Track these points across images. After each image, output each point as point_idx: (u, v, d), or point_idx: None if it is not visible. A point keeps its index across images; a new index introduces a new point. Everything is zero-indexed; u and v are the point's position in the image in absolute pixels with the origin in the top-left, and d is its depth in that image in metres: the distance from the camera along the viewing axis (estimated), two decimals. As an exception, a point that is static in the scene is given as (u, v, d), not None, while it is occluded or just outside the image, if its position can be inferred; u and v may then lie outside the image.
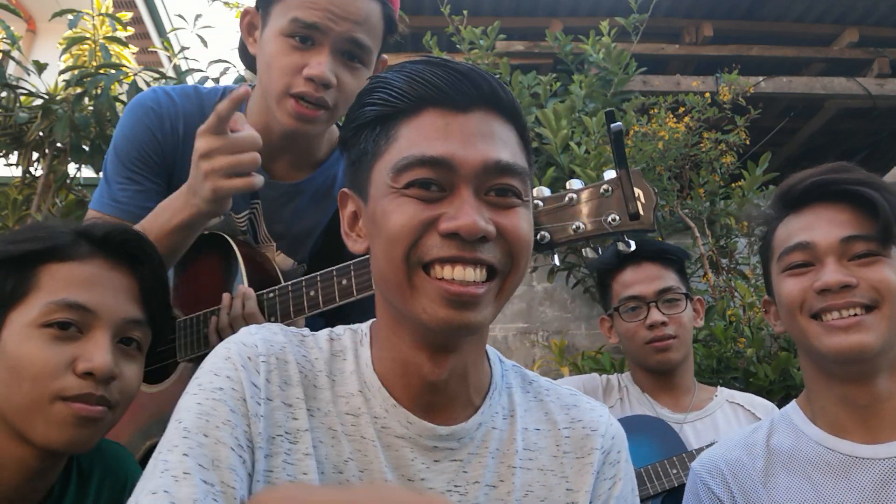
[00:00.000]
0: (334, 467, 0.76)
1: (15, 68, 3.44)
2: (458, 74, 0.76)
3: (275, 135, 1.24)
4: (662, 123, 3.14)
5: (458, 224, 0.71)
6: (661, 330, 1.65)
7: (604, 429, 0.87)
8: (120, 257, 0.95)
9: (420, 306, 0.73)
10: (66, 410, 0.86)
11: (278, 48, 1.16)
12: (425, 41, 4.24)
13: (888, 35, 5.29)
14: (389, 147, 0.76)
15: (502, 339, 3.68)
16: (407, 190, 0.73)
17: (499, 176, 0.75)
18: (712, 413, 1.69)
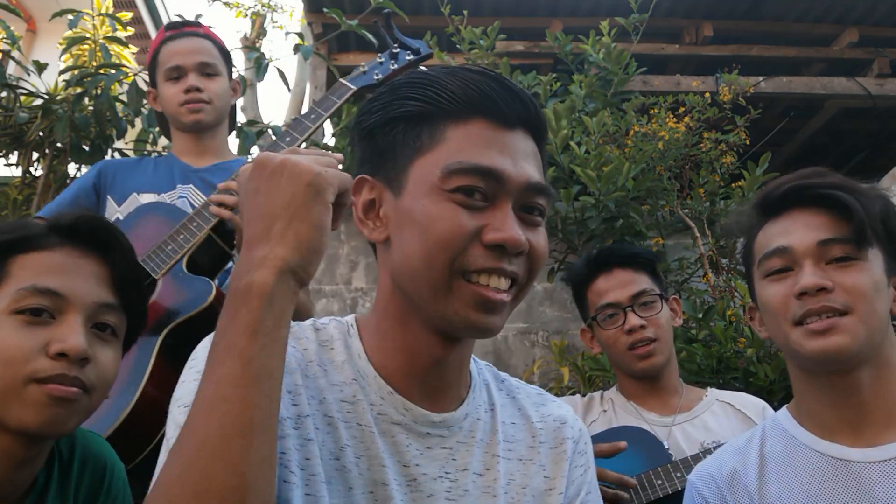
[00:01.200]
0: (331, 454, 0.77)
1: (15, 68, 3.43)
2: (511, 91, 0.80)
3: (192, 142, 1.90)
4: (662, 123, 3.14)
5: (504, 237, 0.75)
6: (640, 333, 1.65)
7: (571, 421, 0.94)
8: (90, 245, 0.97)
9: (453, 308, 0.76)
10: (39, 392, 0.87)
11: (166, 89, 1.86)
12: (425, 41, 4.24)
13: (888, 35, 5.29)
14: (435, 146, 0.78)
15: (502, 339, 3.68)
16: (453, 194, 0.76)
17: (534, 195, 0.79)
18: (701, 413, 1.67)
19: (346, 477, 0.76)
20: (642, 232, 3.15)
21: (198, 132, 1.89)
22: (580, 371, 2.96)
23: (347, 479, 0.76)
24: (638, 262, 1.75)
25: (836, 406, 1.08)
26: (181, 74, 1.84)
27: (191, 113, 1.84)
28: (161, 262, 1.57)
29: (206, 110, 1.85)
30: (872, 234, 1.05)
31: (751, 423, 1.63)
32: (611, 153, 3.12)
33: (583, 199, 3.15)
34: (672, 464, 1.49)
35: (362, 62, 1.81)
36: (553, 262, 3.48)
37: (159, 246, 1.59)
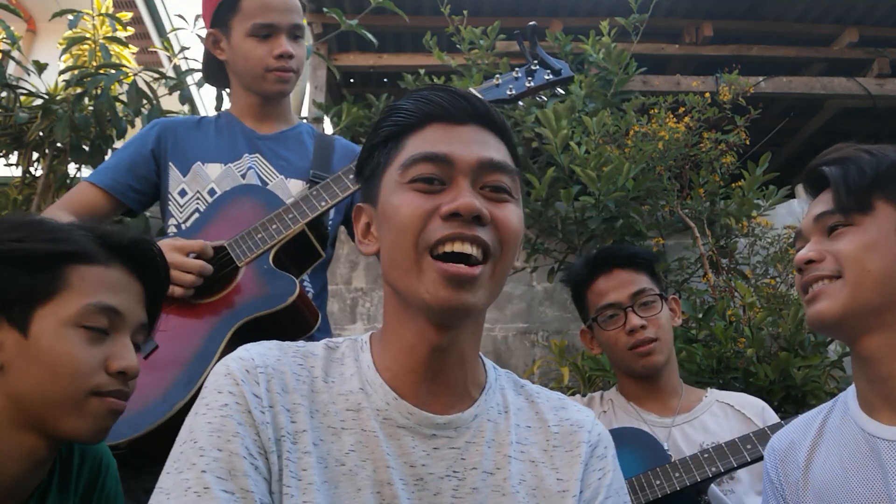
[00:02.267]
0: (336, 461, 0.82)
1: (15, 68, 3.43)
2: (457, 95, 0.90)
3: (258, 106, 1.75)
4: (662, 123, 3.14)
5: (456, 204, 0.81)
6: (641, 333, 1.65)
7: (590, 426, 0.96)
8: (134, 265, 1.02)
9: (424, 288, 0.82)
10: (99, 405, 0.93)
11: (249, 46, 1.66)
12: (425, 41, 4.24)
13: (888, 35, 5.29)
14: (398, 155, 0.89)
15: (502, 339, 3.68)
16: (412, 184, 0.85)
17: (492, 172, 0.87)
18: (700, 415, 1.67)
19: (353, 480, 0.81)
20: (642, 232, 3.15)
21: (270, 99, 1.74)
22: (580, 371, 2.96)
23: (355, 482, 0.81)
24: (637, 263, 1.75)
25: (868, 380, 1.08)
26: (273, 34, 1.65)
27: (278, 82, 1.67)
28: (247, 250, 1.50)
29: (292, 81, 1.71)
30: (866, 197, 1.06)
31: (750, 423, 1.63)
32: (611, 153, 3.12)
33: (583, 199, 3.15)
34: (671, 464, 1.49)
35: (361, 62, 1.81)
36: (553, 262, 3.48)
37: (248, 232, 1.52)
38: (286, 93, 1.73)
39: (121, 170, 1.69)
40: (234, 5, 1.67)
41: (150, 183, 1.72)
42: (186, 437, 0.79)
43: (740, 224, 3.14)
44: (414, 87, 4.21)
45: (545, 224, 3.40)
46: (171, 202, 1.69)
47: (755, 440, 1.47)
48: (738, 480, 1.58)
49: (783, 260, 2.92)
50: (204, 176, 1.68)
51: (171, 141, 1.72)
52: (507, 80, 1.64)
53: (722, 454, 1.47)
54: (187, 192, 1.68)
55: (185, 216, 1.67)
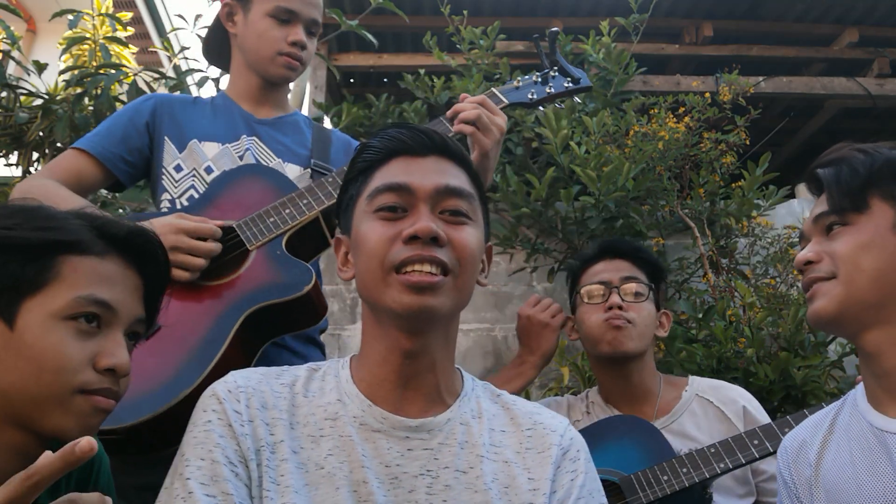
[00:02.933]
0: (316, 465, 0.90)
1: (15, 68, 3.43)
2: (417, 131, 1.00)
3: (257, 89, 1.73)
4: (662, 123, 3.14)
5: (415, 228, 0.91)
6: (618, 312, 1.63)
7: (562, 430, 1.02)
8: (131, 257, 0.97)
9: (390, 298, 0.91)
10: (85, 403, 0.89)
11: (267, 26, 1.64)
12: (425, 41, 4.24)
13: (888, 35, 5.29)
14: (366, 187, 0.99)
15: (502, 339, 3.68)
16: (378, 213, 0.95)
17: (449, 197, 0.96)
18: (679, 417, 1.63)
19: (332, 480, 0.89)
20: (642, 232, 3.15)
21: (273, 84, 1.72)
22: (580, 371, 2.95)
23: (334, 482, 0.89)
24: (640, 258, 1.76)
25: (874, 375, 1.09)
26: (291, 21, 1.65)
27: (285, 68, 1.66)
28: (259, 234, 1.46)
29: (297, 70, 1.70)
30: (860, 196, 1.07)
31: (729, 423, 1.60)
32: (611, 153, 3.11)
33: (583, 199, 3.15)
34: (677, 459, 1.47)
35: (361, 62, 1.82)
36: (553, 262, 3.48)
37: (259, 215, 1.47)
38: (290, 80, 1.73)
39: (113, 139, 1.63)
40: None
41: (143, 156, 1.66)
42: (179, 453, 0.90)
43: (740, 224, 3.14)
44: (414, 87, 4.21)
45: (545, 224, 3.40)
46: (166, 177, 1.64)
47: (762, 436, 1.46)
48: (717, 487, 1.56)
49: (783, 260, 2.92)
50: (201, 154, 1.65)
51: (167, 115, 1.68)
52: (528, 83, 1.64)
53: (730, 450, 1.46)
54: (183, 168, 1.64)
55: (180, 192, 1.63)
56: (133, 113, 1.67)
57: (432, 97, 4.18)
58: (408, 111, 4.21)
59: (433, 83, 4.16)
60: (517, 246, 3.45)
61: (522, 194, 3.24)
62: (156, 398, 1.26)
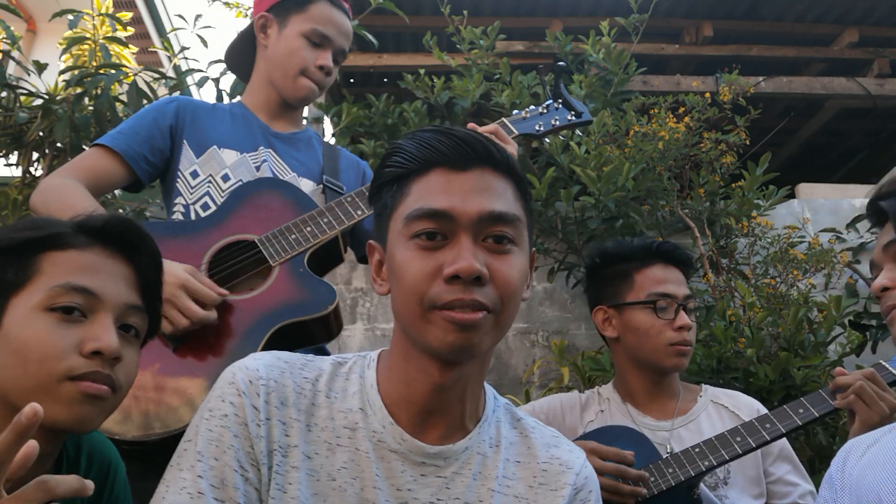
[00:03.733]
0: (328, 475, 0.88)
1: (15, 68, 3.44)
2: (458, 139, 0.90)
3: (275, 104, 1.76)
4: (662, 123, 3.14)
5: (457, 267, 0.84)
6: (686, 335, 1.63)
7: (578, 468, 0.99)
8: (118, 246, 0.98)
9: (432, 335, 0.86)
10: (73, 389, 0.88)
11: (299, 45, 1.69)
12: (425, 41, 4.24)
13: (888, 35, 5.29)
14: (403, 201, 0.91)
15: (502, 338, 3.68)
16: (415, 239, 0.88)
17: (493, 224, 0.88)
18: (696, 417, 1.66)
19: (342, 496, 0.87)
20: (642, 232, 3.15)
21: (291, 102, 1.76)
22: (580, 371, 2.95)
23: (343, 498, 0.87)
24: (688, 268, 1.75)
25: None
26: (323, 45, 1.70)
27: (308, 90, 1.70)
28: (281, 250, 1.48)
29: (317, 94, 1.75)
30: None
31: None
32: (611, 153, 3.12)
33: (583, 199, 3.15)
34: (663, 460, 1.49)
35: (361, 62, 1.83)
36: (553, 262, 3.48)
37: (281, 231, 1.50)
38: (307, 102, 1.77)
39: (138, 138, 1.63)
40: (303, 5, 1.70)
41: (164, 158, 1.67)
42: (191, 437, 0.87)
43: (740, 224, 3.14)
44: (414, 87, 4.21)
45: (545, 224, 3.40)
46: (182, 181, 1.65)
47: (744, 433, 1.47)
48: (732, 486, 1.58)
49: (783, 260, 2.92)
50: (219, 160, 1.66)
51: (189, 119, 1.70)
52: (534, 115, 1.70)
53: (713, 448, 1.47)
54: (199, 174, 1.65)
55: (195, 198, 1.64)
56: (157, 114, 1.69)
57: (432, 97, 4.18)
58: (408, 111, 4.21)
59: (433, 83, 4.16)
60: (517, 246, 3.44)
61: (522, 195, 3.23)
62: (181, 413, 1.30)
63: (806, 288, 2.85)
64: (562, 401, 1.77)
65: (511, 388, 3.48)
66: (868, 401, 1.37)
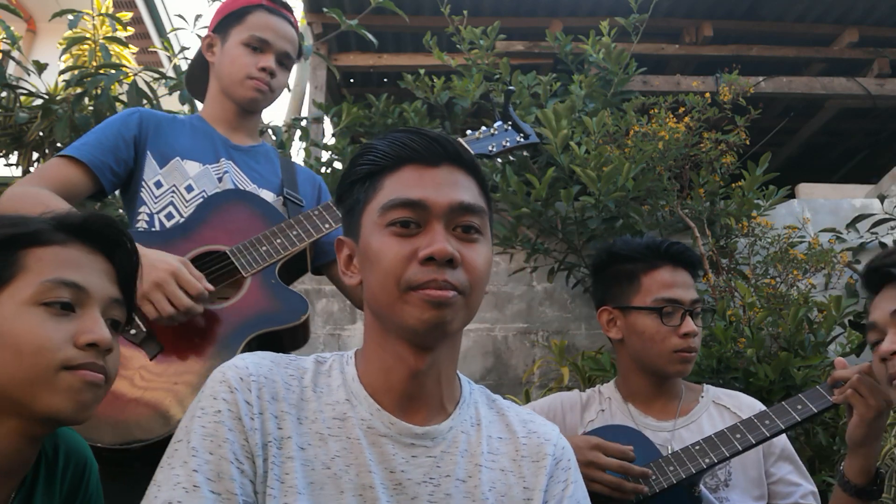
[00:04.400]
0: (323, 464, 0.90)
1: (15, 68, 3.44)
2: (429, 138, 0.98)
3: (232, 114, 1.80)
4: (662, 123, 3.14)
5: (431, 250, 0.90)
6: (692, 341, 1.61)
7: (555, 440, 1.05)
8: (96, 243, 0.99)
9: (408, 314, 0.91)
10: (72, 378, 0.90)
11: (240, 53, 1.74)
12: (425, 41, 4.24)
13: (888, 35, 5.30)
14: (376, 195, 0.97)
15: (502, 339, 3.68)
16: (390, 227, 0.93)
17: (463, 214, 0.95)
18: (698, 418, 1.65)
19: (337, 483, 0.90)
20: (642, 232, 3.15)
21: (244, 110, 1.80)
22: (580, 371, 2.95)
23: (339, 485, 0.90)
24: (696, 269, 1.73)
25: None
26: (264, 50, 1.75)
27: (254, 91, 1.74)
28: (253, 262, 1.53)
29: (266, 96, 1.78)
30: None
31: None
32: (611, 153, 3.12)
33: (583, 199, 3.15)
34: (664, 458, 1.49)
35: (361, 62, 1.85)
36: (553, 262, 3.48)
37: (252, 243, 1.55)
38: (258, 104, 1.79)
39: (103, 149, 1.66)
40: (240, 17, 1.77)
41: (127, 168, 1.70)
42: (182, 437, 0.88)
43: (740, 224, 3.14)
44: (414, 87, 4.21)
45: (545, 224, 3.40)
46: (146, 190, 1.69)
47: (744, 429, 1.47)
48: (733, 487, 1.57)
49: (783, 260, 2.92)
50: (183, 171, 1.70)
51: (151, 130, 1.73)
52: (486, 136, 1.79)
53: (713, 445, 1.47)
54: (163, 184, 1.69)
55: (160, 207, 1.68)
56: (121, 125, 1.72)
57: (432, 97, 4.19)
58: (408, 111, 4.22)
59: (433, 83, 4.16)
60: (517, 246, 3.45)
61: (522, 194, 3.24)
62: (162, 421, 1.33)
63: (806, 288, 2.85)
64: (562, 400, 1.77)
65: (511, 388, 3.48)
66: (865, 394, 1.37)
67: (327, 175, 4.19)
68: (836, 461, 2.42)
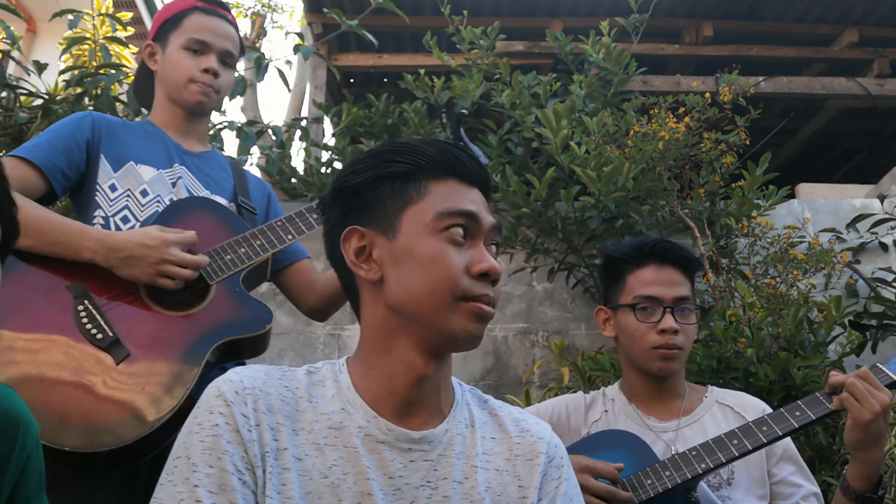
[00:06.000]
0: (320, 474, 0.91)
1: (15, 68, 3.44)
2: (473, 158, 1.02)
3: (181, 119, 1.81)
4: (662, 123, 3.14)
5: (488, 266, 0.96)
6: (671, 338, 1.61)
7: (548, 438, 1.07)
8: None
9: (455, 323, 0.94)
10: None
11: (181, 56, 1.76)
12: (425, 41, 4.24)
13: (888, 35, 5.30)
14: (424, 197, 0.98)
15: (502, 339, 3.68)
16: (444, 232, 0.96)
17: (495, 234, 1.02)
18: (701, 417, 1.66)
19: (336, 492, 0.90)
20: (642, 232, 3.15)
21: (192, 113, 1.81)
22: (580, 371, 2.96)
23: (337, 494, 0.90)
24: (688, 268, 1.71)
25: None
26: (204, 51, 1.76)
27: (198, 94, 1.76)
28: (218, 270, 1.57)
29: (211, 97, 1.79)
30: None
31: None
32: (611, 153, 3.12)
33: (583, 199, 3.15)
34: (661, 463, 1.49)
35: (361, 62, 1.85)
36: (553, 262, 3.48)
37: (217, 251, 1.58)
38: (204, 107, 1.80)
39: (56, 151, 1.65)
40: (177, 22, 1.79)
41: (79, 172, 1.70)
42: (181, 453, 0.89)
43: (740, 224, 3.14)
44: (414, 87, 4.21)
45: (545, 224, 3.40)
46: (100, 194, 1.69)
47: (741, 435, 1.47)
48: (736, 486, 1.57)
49: (783, 260, 2.92)
50: (137, 176, 1.71)
51: (104, 133, 1.73)
52: None
53: (709, 450, 1.47)
54: (118, 187, 1.69)
55: (115, 211, 1.68)
56: (73, 128, 1.71)
57: (432, 97, 4.19)
58: (408, 111, 4.22)
59: (433, 83, 4.16)
60: (517, 246, 3.45)
61: (522, 194, 3.24)
62: (131, 425, 1.34)
63: (806, 288, 2.85)
64: (566, 402, 1.78)
65: (511, 388, 3.48)
66: (859, 397, 1.37)
67: (327, 175, 4.19)
68: (836, 461, 2.42)
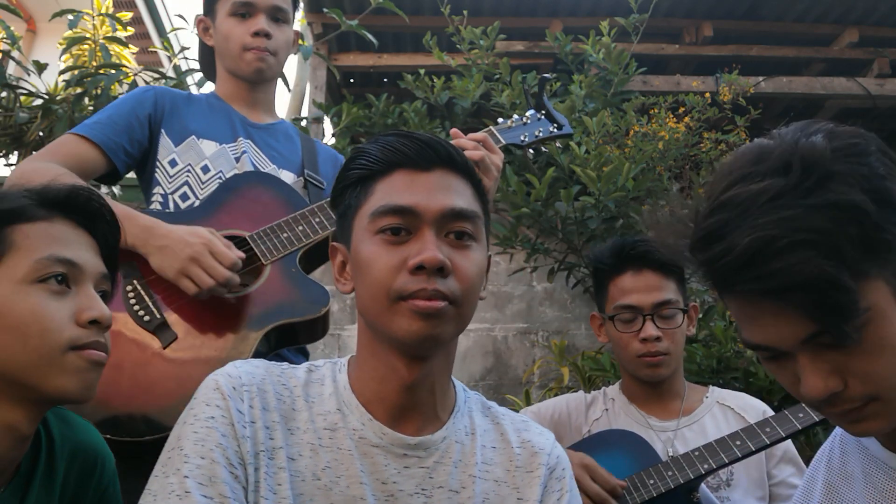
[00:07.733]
0: (313, 475, 0.90)
1: (15, 68, 3.44)
2: (421, 142, 0.95)
3: (246, 92, 1.73)
4: (662, 123, 3.14)
5: (422, 258, 0.87)
6: (653, 345, 1.59)
7: (549, 449, 1.03)
8: (80, 216, 0.97)
9: (397, 326, 0.89)
10: (79, 358, 0.89)
11: (230, 25, 1.67)
12: (425, 41, 4.24)
13: (888, 35, 5.29)
14: (367, 200, 0.95)
15: (502, 339, 3.68)
16: (380, 234, 0.91)
17: (455, 220, 0.92)
18: (701, 418, 1.66)
19: (327, 495, 0.88)
20: (642, 232, 3.15)
21: (254, 83, 1.72)
22: (580, 371, 2.96)
23: (329, 497, 0.88)
24: (669, 269, 1.65)
25: None
26: (251, 13, 1.66)
27: (256, 60, 1.66)
28: (273, 249, 1.46)
29: (269, 62, 1.68)
30: None
31: None
32: (611, 153, 3.12)
33: (583, 199, 3.15)
34: (663, 463, 1.49)
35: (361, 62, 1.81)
36: (553, 262, 3.48)
37: (273, 229, 1.47)
38: (263, 74, 1.70)
39: (117, 129, 1.59)
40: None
41: (142, 148, 1.64)
42: (174, 444, 0.87)
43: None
44: (414, 87, 4.21)
45: (545, 224, 3.40)
46: (160, 170, 1.63)
47: (744, 436, 1.47)
48: (735, 487, 1.58)
49: (783, 260, 2.92)
50: (199, 151, 1.63)
51: (167, 108, 1.67)
52: (518, 124, 1.70)
53: (713, 451, 1.47)
54: (178, 162, 1.62)
55: (174, 188, 1.62)
56: (135, 103, 1.65)
57: (432, 97, 4.18)
58: (408, 111, 4.22)
59: (433, 83, 4.16)
60: (517, 246, 3.45)
61: (522, 194, 3.24)
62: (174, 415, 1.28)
63: (806, 288, 2.85)
64: (567, 401, 1.78)
65: (511, 389, 3.48)
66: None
67: (327, 175, 4.19)
68: (836, 461, 2.42)
